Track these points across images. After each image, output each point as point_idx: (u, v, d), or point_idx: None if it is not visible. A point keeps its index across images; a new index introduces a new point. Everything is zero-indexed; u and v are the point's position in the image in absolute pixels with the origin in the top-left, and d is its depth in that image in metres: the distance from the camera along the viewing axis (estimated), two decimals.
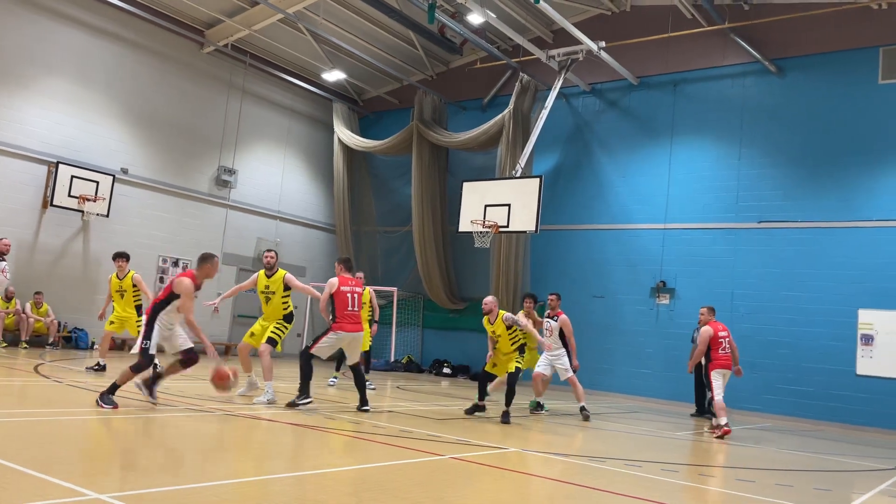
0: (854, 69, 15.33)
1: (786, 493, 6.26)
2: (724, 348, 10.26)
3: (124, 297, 11.26)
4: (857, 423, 14.07)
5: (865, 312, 14.40)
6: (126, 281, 11.31)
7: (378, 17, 18.45)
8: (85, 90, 16.44)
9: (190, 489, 4.38)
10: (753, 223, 15.95)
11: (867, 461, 9.27)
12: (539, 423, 10.20)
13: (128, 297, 11.27)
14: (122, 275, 11.33)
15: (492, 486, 5.52)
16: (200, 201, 18.87)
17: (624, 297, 17.21)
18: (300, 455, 6.22)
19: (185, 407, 8.14)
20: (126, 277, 11.33)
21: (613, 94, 18.49)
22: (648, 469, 7.03)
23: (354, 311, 8.95)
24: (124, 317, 11.21)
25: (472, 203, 15.83)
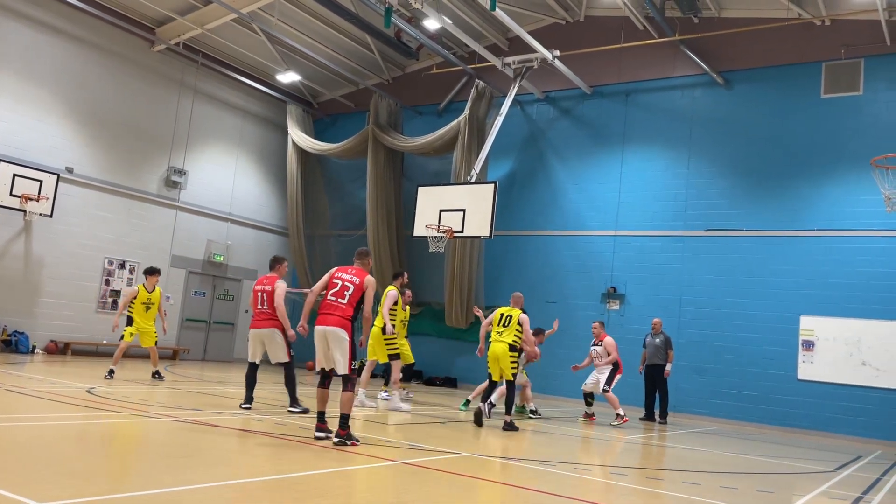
0: (798, 83, 15.83)
1: (730, 496, 6.40)
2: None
3: (149, 311, 11.97)
4: (799, 426, 14.49)
5: (807, 319, 14.86)
6: (155, 294, 12.07)
7: (334, 19, 18.35)
8: (29, 86, 15.95)
9: (133, 497, 4.27)
10: (701, 231, 16.32)
11: (809, 464, 9.55)
12: (494, 427, 10.24)
13: (153, 310, 12.01)
14: (150, 288, 12.05)
15: (443, 491, 5.51)
16: (149, 202, 18.46)
17: (576, 302, 17.43)
18: (249, 461, 6.12)
19: (129, 413, 7.93)
20: (155, 291, 12.08)
21: (567, 102, 18.73)
22: (597, 473, 7.12)
23: (261, 308, 9.12)
24: (144, 329, 11.92)
25: (428, 208, 15.84)
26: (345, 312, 7.03)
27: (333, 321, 6.99)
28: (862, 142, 14.72)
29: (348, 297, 7.07)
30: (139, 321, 11.86)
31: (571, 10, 18.47)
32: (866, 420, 13.96)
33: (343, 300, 7.07)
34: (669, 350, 13.91)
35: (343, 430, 6.78)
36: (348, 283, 7.15)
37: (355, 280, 7.17)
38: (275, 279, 9.29)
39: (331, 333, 6.99)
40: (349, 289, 7.12)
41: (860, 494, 7.09)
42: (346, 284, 7.14)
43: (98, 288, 17.32)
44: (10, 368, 11.93)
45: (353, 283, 7.14)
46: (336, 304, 7.07)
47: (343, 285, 7.14)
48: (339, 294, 7.10)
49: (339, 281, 7.19)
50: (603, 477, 6.85)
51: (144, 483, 4.80)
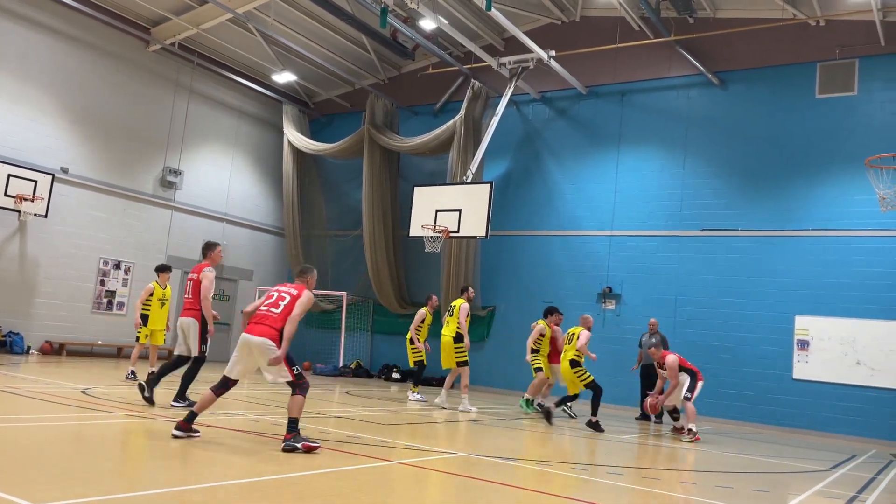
0: (793, 83, 15.87)
1: (726, 495, 6.42)
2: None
3: (164, 307, 11.97)
4: (794, 425, 14.53)
5: (802, 319, 14.90)
6: (168, 291, 12.14)
7: (330, 19, 18.34)
8: (25, 86, 15.91)
9: (129, 497, 4.26)
10: (696, 231, 16.35)
11: (804, 463, 9.58)
12: (490, 427, 10.25)
13: (166, 307, 12.01)
14: (164, 285, 12.08)
15: (437, 491, 5.52)
16: (144, 202, 18.43)
17: (572, 302, 17.41)
18: (244, 462, 6.11)
19: (125, 414, 7.92)
20: (167, 288, 12.14)
21: (563, 102, 18.75)
22: (594, 472, 7.13)
23: (187, 296, 8.97)
24: (158, 328, 11.91)
25: (423, 208, 15.83)
26: (275, 323, 6.58)
27: (262, 331, 6.55)
28: (856, 142, 14.77)
29: (282, 308, 6.67)
30: (155, 318, 11.85)
31: (567, 11, 18.49)
32: (861, 419, 14.01)
33: (276, 310, 6.67)
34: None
35: (289, 433, 6.39)
36: (285, 294, 6.79)
37: (292, 291, 6.80)
38: (202, 267, 8.91)
39: (257, 345, 6.52)
40: (285, 299, 6.73)
41: (855, 493, 7.12)
42: (282, 295, 6.78)
43: (93, 288, 17.28)
44: (5, 369, 11.90)
45: (290, 294, 6.76)
46: (268, 314, 6.66)
47: (279, 296, 6.79)
48: (274, 304, 6.73)
49: (275, 293, 6.86)
50: (599, 476, 6.87)
51: (140, 484, 4.79)
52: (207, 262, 8.99)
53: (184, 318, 8.83)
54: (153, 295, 11.89)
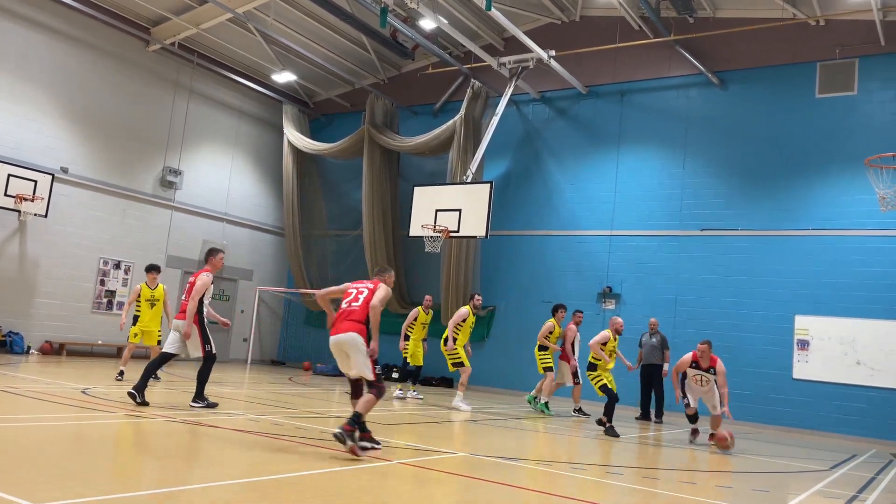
0: (793, 83, 15.87)
1: (725, 495, 6.42)
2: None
3: (154, 308, 11.82)
4: (794, 425, 14.53)
5: (802, 318, 14.90)
6: (158, 291, 11.92)
7: (329, 19, 18.33)
8: (24, 86, 15.90)
9: (129, 497, 4.26)
10: (696, 231, 16.35)
11: (804, 462, 9.58)
12: (491, 427, 10.25)
13: (158, 307, 11.85)
14: (153, 286, 11.91)
15: (438, 491, 5.52)
16: (144, 202, 18.42)
17: (572, 302, 17.36)
18: (244, 461, 6.12)
19: (125, 413, 7.92)
20: (158, 288, 11.94)
21: (563, 102, 18.75)
22: (594, 472, 7.13)
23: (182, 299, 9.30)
24: (150, 329, 11.77)
25: (423, 208, 15.83)
26: (358, 317, 6.70)
27: (346, 327, 6.69)
28: (856, 141, 14.77)
29: (362, 301, 6.80)
30: (144, 320, 11.77)
31: (567, 10, 18.48)
32: (861, 419, 14.01)
33: (357, 304, 6.80)
34: (666, 350, 13.93)
35: (350, 425, 6.30)
36: (363, 288, 6.94)
37: (369, 286, 6.96)
38: (202, 271, 9.16)
39: (344, 341, 6.67)
40: (363, 293, 6.88)
41: (855, 493, 7.12)
42: (360, 290, 6.94)
43: (93, 288, 17.28)
44: (5, 369, 11.90)
45: (367, 288, 6.92)
46: (350, 309, 6.80)
47: (357, 291, 6.94)
48: (354, 299, 6.87)
49: (353, 290, 7.02)
50: (599, 476, 6.87)
51: (140, 484, 4.79)
52: (208, 268, 9.26)
53: (177, 320, 9.05)
54: (140, 295, 11.86)
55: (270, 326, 22.05)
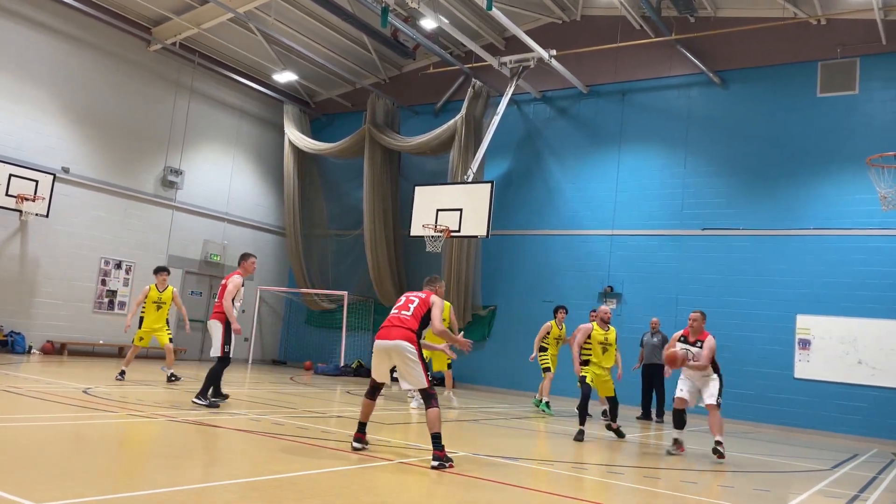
0: (794, 82, 15.86)
1: (727, 494, 6.42)
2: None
3: (160, 310, 11.76)
4: (795, 425, 14.52)
5: (803, 318, 14.89)
6: (166, 294, 11.84)
7: (330, 19, 18.34)
8: (25, 86, 15.91)
9: (130, 497, 4.26)
10: (697, 230, 16.34)
11: (805, 462, 9.58)
12: (492, 426, 10.26)
13: (164, 310, 11.81)
14: (161, 287, 11.83)
15: (439, 491, 5.52)
16: (145, 202, 18.43)
17: (573, 301, 17.37)
18: (245, 461, 6.12)
19: (126, 413, 7.93)
20: (166, 290, 11.86)
21: (564, 101, 18.75)
22: (595, 472, 7.13)
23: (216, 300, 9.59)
24: (155, 329, 11.72)
25: (424, 207, 15.84)
26: (410, 325, 6.64)
27: (397, 334, 6.57)
28: (858, 141, 14.76)
29: (412, 310, 6.75)
30: (148, 322, 11.67)
31: (568, 10, 18.48)
32: (862, 419, 14.00)
33: (407, 313, 6.74)
34: None
35: (439, 450, 6.20)
36: (413, 297, 6.93)
37: (420, 295, 6.95)
38: (234, 274, 9.48)
39: (393, 347, 6.54)
40: (413, 302, 6.85)
41: (856, 493, 7.12)
42: (410, 299, 6.92)
43: (94, 288, 17.29)
44: (7, 369, 11.91)
45: (419, 298, 6.90)
46: (400, 317, 6.72)
47: (408, 300, 6.93)
48: (404, 307, 6.83)
49: (404, 298, 7.03)
50: (601, 476, 6.86)
51: (142, 483, 4.80)
52: (239, 271, 9.59)
53: (210, 321, 9.39)
54: (147, 297, 11.76)
55: (271, 326, 22.06)
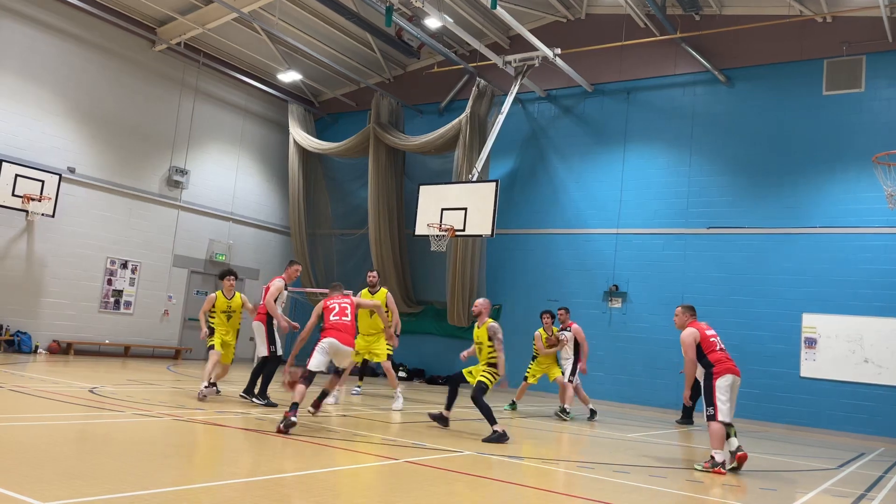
0: (799, 80, 15.80)
1: (733, 493, 6.40)
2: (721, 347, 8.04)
3: (230, 320, 10.39)
4: (802, 424, 14.48)
5: (809, 316, 14.84)
6: (235, 301, 10.41)
7: (335, 18, 18.35)
8: (30, 86, 15.96)
9: (136, 496, 4.27)
10: (703, 229, 16.30)
11: (811, 461, 9.55)
12: None
13: (234, 319, 10.44)
14: (229, 294, 10.38)
15: (444, 490, 5.52)
16: (151, 202, 18.48)
17: (578, 300, 17.40)
18: (251, 460, 6.13)
19: (132, 412, 7.95)
20: (235, 297, 10.42)
21: (568, 100, 18.72)
22: (601, 471, 7.12)
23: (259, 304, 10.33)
24: (228, 342, 10.32)
25: (429, 206, 15.83)
26: (353, 331, 8.42)
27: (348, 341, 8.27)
28: (864, 139, 14.71)
29: (350, 315, 8.45)
30: (220, 332, 10.27)
31: (572, 8, 18.45)
32: (868, 417, 13.95)
33: (347, 318, 8.37)
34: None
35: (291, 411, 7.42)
36: (346, 304, 8.51)
37: (347, 301, 8.59)
38: (273, 280, 9.97)
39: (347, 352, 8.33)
40: (347, 308, 8.45)
41: (863, 492, 7.09)
42: (343, 305, 8.46)
43: (100, 288, 17.34)
44: (13, 368, 11.95)
45: (349, 303, 8.56)
46: (345, 323, 8.32)
47: (342, 307, 8.44)
48: (343, 313, 8.39)
49: (337, 305, 8.46)
50: (606, 475, 6.85)
51: (148, 482, 4.81)
52: (283, 276, 10.00)
53: (254, 322, 9.85)
54: (215, 306, 10.32)
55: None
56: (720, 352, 7.91)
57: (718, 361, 7.82)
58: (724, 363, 7.83)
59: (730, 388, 7.73)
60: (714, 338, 8.05)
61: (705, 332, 8.07)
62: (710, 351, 7.90)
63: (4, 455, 5.27)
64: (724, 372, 7.74)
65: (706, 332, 8.09)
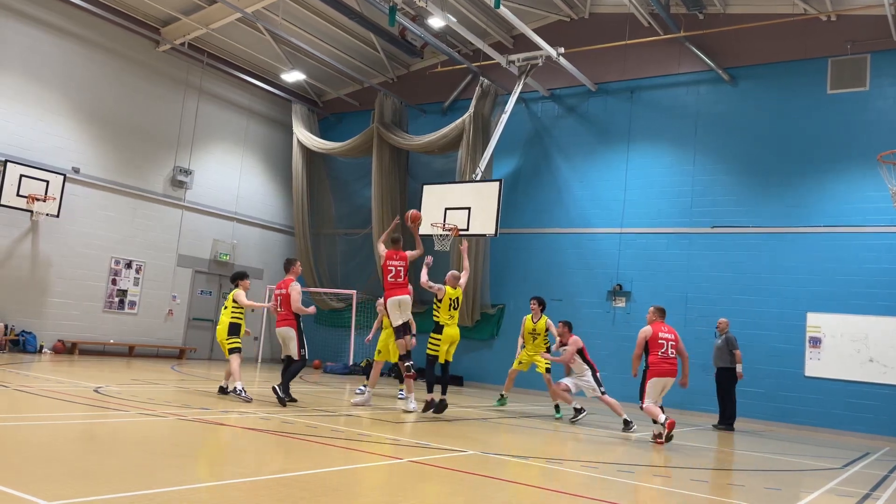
0: (804, 79, 15.77)
1: (738, 493, 6.39)
2: (665, 351, 9.12)
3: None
4: (806, 423, 14.45)
5: (814, 315, 14.81)
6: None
7: (338, 18, 18.36)
8: (34, 87, 16.00)
9: (140, 496, 4.28)
10: (707, 228, 16.27)
11: (816, 461, 9.52)
12: (501, 425, 10.25)
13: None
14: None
15: (448, 489, 5.52)
16: (155, 202, 18.51)
17: (581, 300, 17.41)
18: (255, 460, 6.14)
19: (137, 412, 7.96)
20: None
21: (572, 99, 18.70)
22: (605, 470, 7.11)
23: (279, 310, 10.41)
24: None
25: (433, 206, 15.83)
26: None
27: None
28: (868, 137, 14.66)
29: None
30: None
31: (576, 7, 18.43)
32: (873, 417, 13.91)
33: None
34: (735, 350, 12.99)
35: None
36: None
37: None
38: (289, 282, 10.13)
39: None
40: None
41: (868, 491, 7.07)
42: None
43: (105, 288, 17.38)
44: (18, 368, 11.99)
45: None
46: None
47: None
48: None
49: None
50: (610, 474, 6.85)
51: (152, 482, 4.82)
52: (291, 277, 10.27)
53: (281, 328, 10.04)
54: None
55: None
56: (661, 356, 9.14)
57: (654, 364, 9.13)
58: (659, 366, 9.12)
59: (658, 386, 9.26)
60: (666, 342, 9.18)
61: (658, 334, 9.23)
62: (654, 352, 9.16)
63: (10, 454, 5.29)
64: (656, 374, 9.12)
65: (660, 334, 9.24)
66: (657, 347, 9.14)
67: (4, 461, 4.99)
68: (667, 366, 9.13)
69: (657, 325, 9.39)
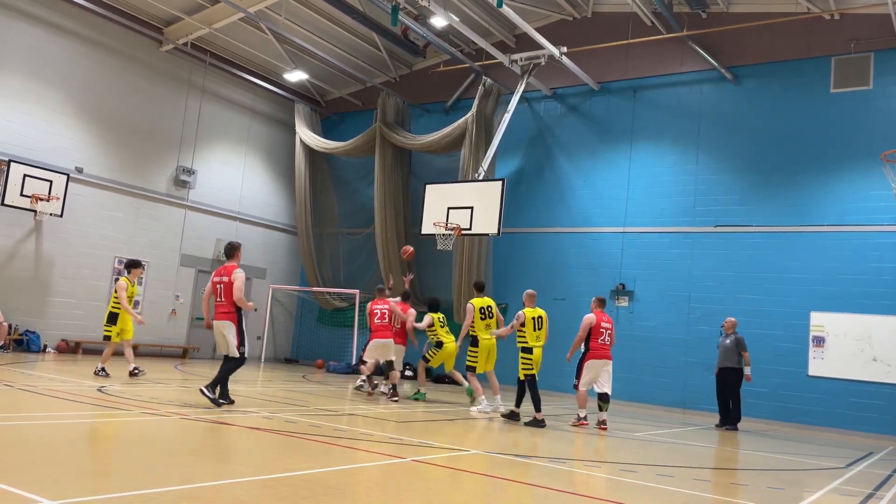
0: (807, 78, 15.74)
1: (741, 492, 6.39)
2: (604, 339, 10.39)
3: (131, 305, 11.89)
4: (810, 422, 14.43)
5: (817, 315, 14.78)
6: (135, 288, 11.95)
7: (341, 17, 18.36)
8: (38, 87, 16.03)
9: (144, 495, 4.29)
10: (710, 227, 16.25)
11: (819, 460, 9.51)
12: (504, 424, 10.25)
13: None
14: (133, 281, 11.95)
15: (450, 488, 5.52)
16: (158, 202, 18.54)
17: (584, 299, 17.28)
18: (258, 459, 6.15)
19: (140, 411, 7.98)
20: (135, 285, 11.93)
21: (575, 99, 18.69)
22: (608, 469, 7.11)
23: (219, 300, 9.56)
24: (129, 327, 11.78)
25: (435, 205, 15.84)
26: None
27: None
28: (872, 136, 14.64)
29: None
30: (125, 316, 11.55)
31: (579, 7, 18.42)
32: (877, 416, 13.89)
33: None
34: (743, 352, 12.92)
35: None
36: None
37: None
38: (232, 269, 8.95)
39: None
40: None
41: (871, 491, 7.06)
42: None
43: (108, 287, 17.40)
44: (22, 367, 12.02)
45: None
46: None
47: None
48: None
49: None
50: (613, 474, 6.84)
51: (155, 481, 4.83)
52: (235, 263, 9.09)
53: (220, 322, 8.93)
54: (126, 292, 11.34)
55: (284, 325, 22.14)
56: (600, 343, 10.36)
57: (593, 349, 10.35)
58: (597, 351, 10.34)
59: (594, 368, 10.35)
60: (605, 331, 10.40)
61: (600, 323, 10.42)
62: (595, 339, 10.36)
63: (13, 453, 5.30)
64: (593, 357, 10.34)
65: (602, 323, 10.44)
66: (598, 335, 10.38)
67: (8, 460, 5.01)
68: (603, 351, 10.39)
69: (599, 314, 10.56)
